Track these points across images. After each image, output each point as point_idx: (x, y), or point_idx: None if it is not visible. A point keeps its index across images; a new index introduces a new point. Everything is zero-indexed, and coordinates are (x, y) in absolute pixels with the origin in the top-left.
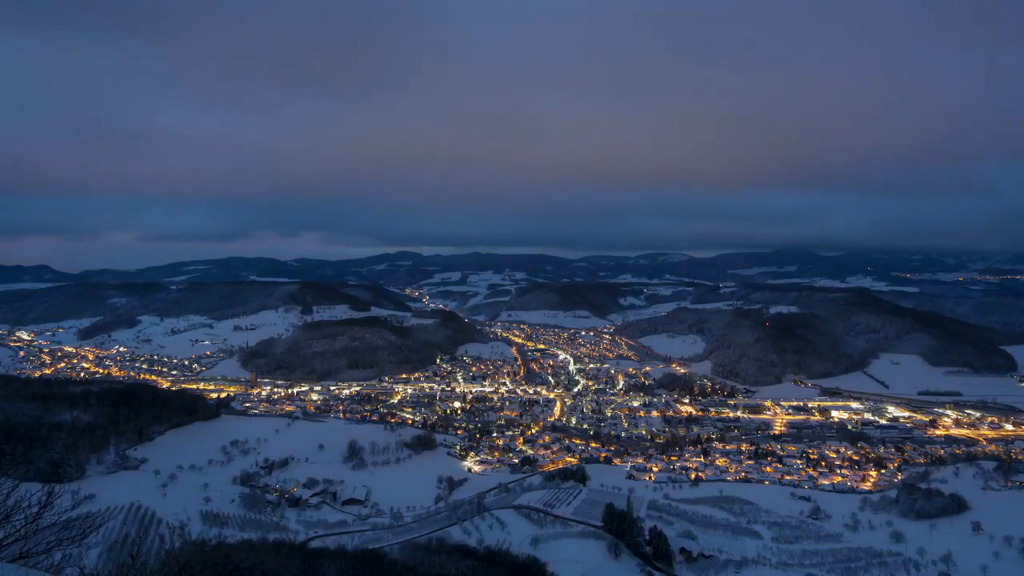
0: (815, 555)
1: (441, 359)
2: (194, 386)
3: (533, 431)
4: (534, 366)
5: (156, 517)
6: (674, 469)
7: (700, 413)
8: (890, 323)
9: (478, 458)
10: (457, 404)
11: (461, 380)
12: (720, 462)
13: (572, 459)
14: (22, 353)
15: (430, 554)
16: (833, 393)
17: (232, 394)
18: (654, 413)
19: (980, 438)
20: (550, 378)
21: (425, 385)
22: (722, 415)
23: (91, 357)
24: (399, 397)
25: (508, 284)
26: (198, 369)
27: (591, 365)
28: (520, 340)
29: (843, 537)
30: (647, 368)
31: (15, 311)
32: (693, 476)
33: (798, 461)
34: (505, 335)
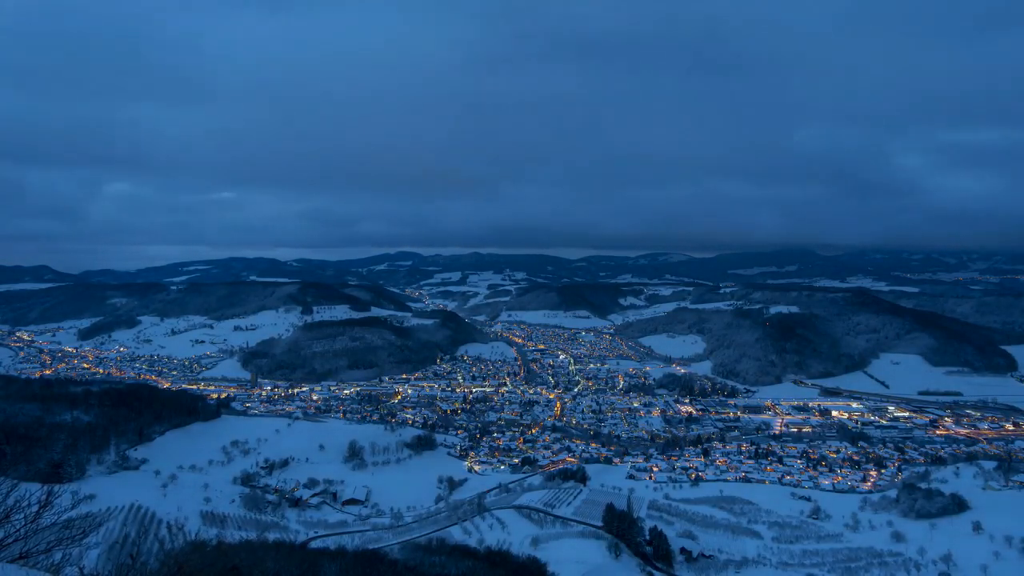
0: (815, 555)
1: (441, 359)
2: (194, 386)
3: (533, 431)
4: (534, 366)
5: (156, 517)
6: (674, 469)
7: (700, 413)
8: (890, 323)
9: (478, 458)
10: (457, 404)
11: (461, 380)
12: (720, 462)
13: (572, 459)
14: (22, 353)
15: (430, 554)
16: (833, 393)
17: (232, 394)
18: (654, 413)
19: (980, 438)
20: (550, 378)
21: (425, 385)
22: (722, 415)
23: (91, 357)
24: (399, 397)
25: (508, 284)
26: (198, 369)
27: (591, 365)
28: (520, 340)
29: (843, 537)
30: (647, 368)
31: (15, 311)
32: (693, 476)
33: (798, 461)
34: (505, 335)
